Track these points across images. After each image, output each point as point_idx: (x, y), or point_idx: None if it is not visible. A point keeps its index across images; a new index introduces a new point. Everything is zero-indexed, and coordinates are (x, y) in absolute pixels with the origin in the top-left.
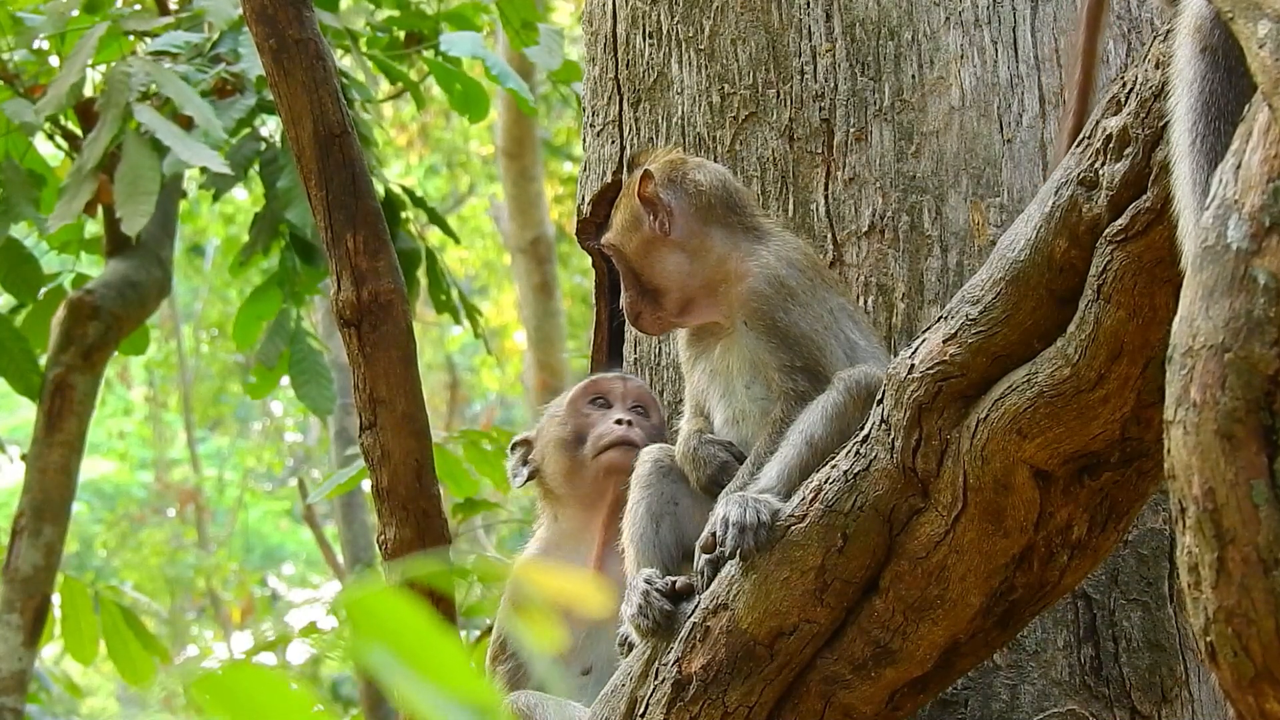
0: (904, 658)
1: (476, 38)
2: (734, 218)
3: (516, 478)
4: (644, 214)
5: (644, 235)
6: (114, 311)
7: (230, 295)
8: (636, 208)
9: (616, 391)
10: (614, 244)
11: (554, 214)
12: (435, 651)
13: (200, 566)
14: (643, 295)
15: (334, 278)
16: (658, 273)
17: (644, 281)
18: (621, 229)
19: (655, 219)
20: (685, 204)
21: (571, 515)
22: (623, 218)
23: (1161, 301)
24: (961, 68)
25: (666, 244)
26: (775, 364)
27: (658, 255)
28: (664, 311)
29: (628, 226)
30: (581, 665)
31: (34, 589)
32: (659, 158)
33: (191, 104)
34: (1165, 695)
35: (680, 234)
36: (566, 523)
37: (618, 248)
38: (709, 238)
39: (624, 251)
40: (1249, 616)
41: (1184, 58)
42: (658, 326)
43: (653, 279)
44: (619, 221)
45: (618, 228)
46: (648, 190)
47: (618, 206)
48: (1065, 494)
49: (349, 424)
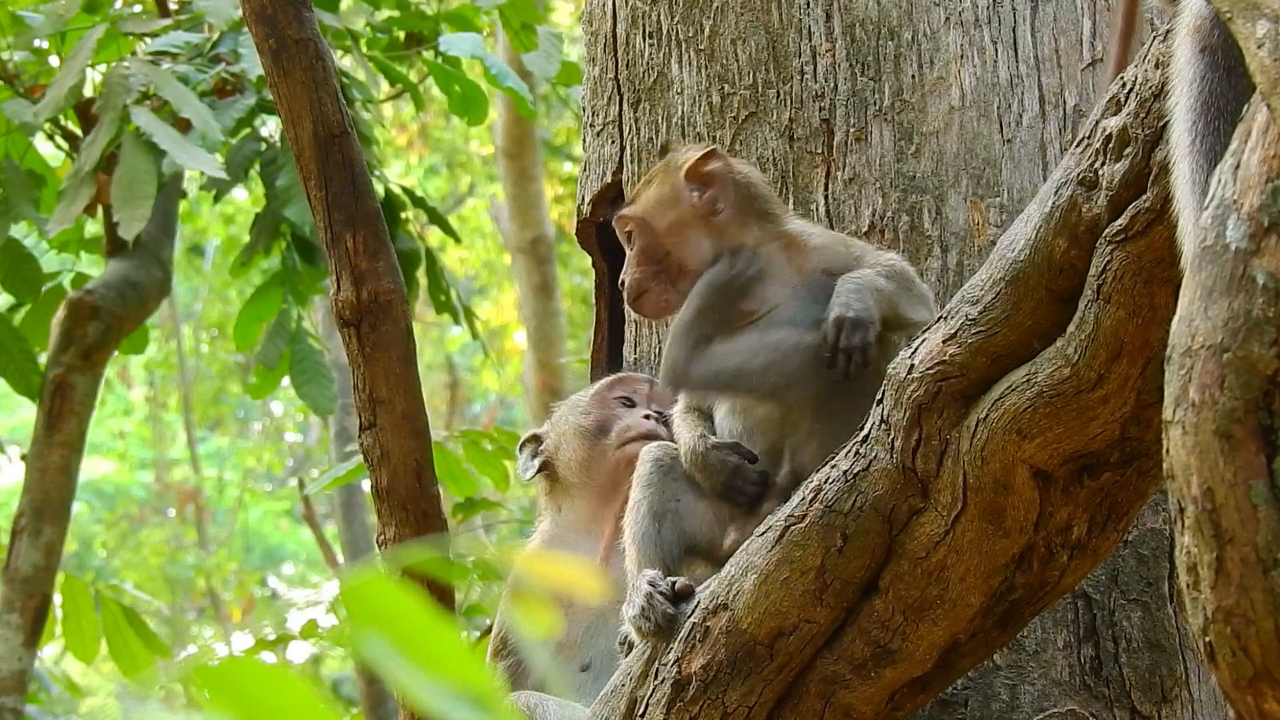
0: (904, 658)
1: (476, 38)
2: (769, 210)
3: (527, 471)
4: (688, 192)
5: (683, 212)
6: (114, 311)
7: (230, 295)
8: (679, 184)
9: (642, 392)
10: (641, 217)
11: (554, 214)
12: (435, 641)
13: (200, 566)
14: (656, 274)
15: (334, 278)
16: (688, 252)
17: (667, 260)
18: (654, 203)
19: (704, 197)
20: (734, 189)
21: (581, 508)
22: (658, 193)
23: (1161, 301)
24: (961, 68)
25: (706, 224)
26: None
27: (693, 234)
28: (673, 293)
29: (663, 202)
30: (580, 661)
31: (34, 589)
32: (696, 146)
33: (189, 106)
34: (1165, 695)
35: (725, 217)
36: (574, 515)
37: (646, 221)
38: (747, 224)
39: (653, 226)
40: (1248, 616)
41: (1183, 58)
42: (659, 309)
43: (681, 258)
44: (651, 196)
45: (648, 202)
46: (709, 167)
47: (649, 182)
48: (1065, 494)
49: (349, 424)
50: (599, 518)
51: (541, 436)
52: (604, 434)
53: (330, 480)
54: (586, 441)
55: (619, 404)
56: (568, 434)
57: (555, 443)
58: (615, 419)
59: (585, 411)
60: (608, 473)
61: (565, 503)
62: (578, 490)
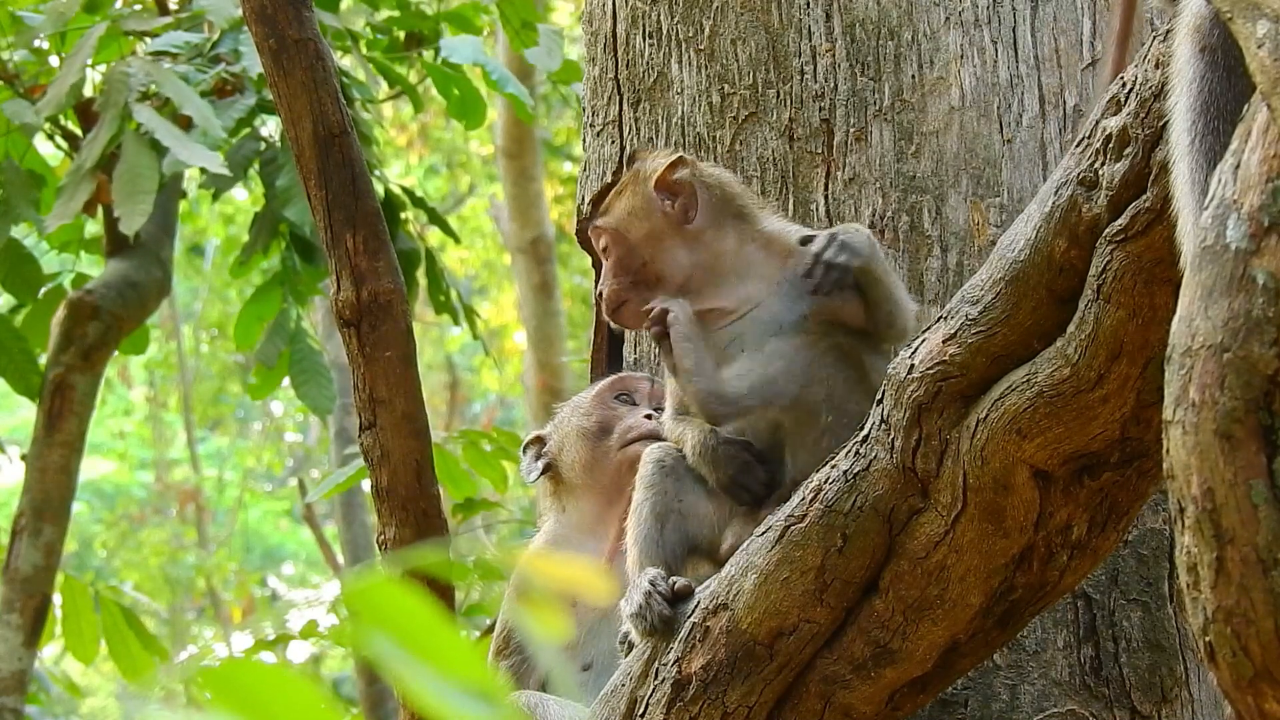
0: (904, 658)
1: (476, 42)
2: (745, 209)
3: (530, 473)
4: (659, 201)
5: (656, 223)
6: (114, 311)
7: (230, 295)
8: (650, 195)
9: (643, 390)
10: (616, 228)
11: (554, 214)
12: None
13: (200, 566)
14: (633, 285)
15: (333, 278)
16: (664, 261)
17: (645, 270)
18: (626, 215)
19: (676, 206)
20: (705, 195)
21: (585, 509)
22: (629, 204)
23: (1161, 301)
24: (961, 68)
25: (681, 233)
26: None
27: (669, 244)
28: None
29: (635, 213)
30: (582, 661)
31: (34, 589)
32: (665, 154)
33: (190, 104)
34: (1165, 695)
35: (699, 223)
36: (578, 516)
37: (620, 232)
38: (723, 227)
39: (627, 238)
40: (1248, 616)
41: (1183, 57)
42: (638, 320)
43: (657, 268)
44: (623, 208)
45: (621, 213)
46: (677, 176)
47: (619, 193)
48: (1065, 494)
49: (349, 424)
50: (603, 518)
51: (544, 438)
52: (606, 435)
53: (331, 486)
54: (589, 443)
55: (621, 404)
56: (570, 435)
57: (558, 444)
58: (617, 419)
59: (587, 413)
60: (611, 474)
61: (569, 503)
62: (581, 491)
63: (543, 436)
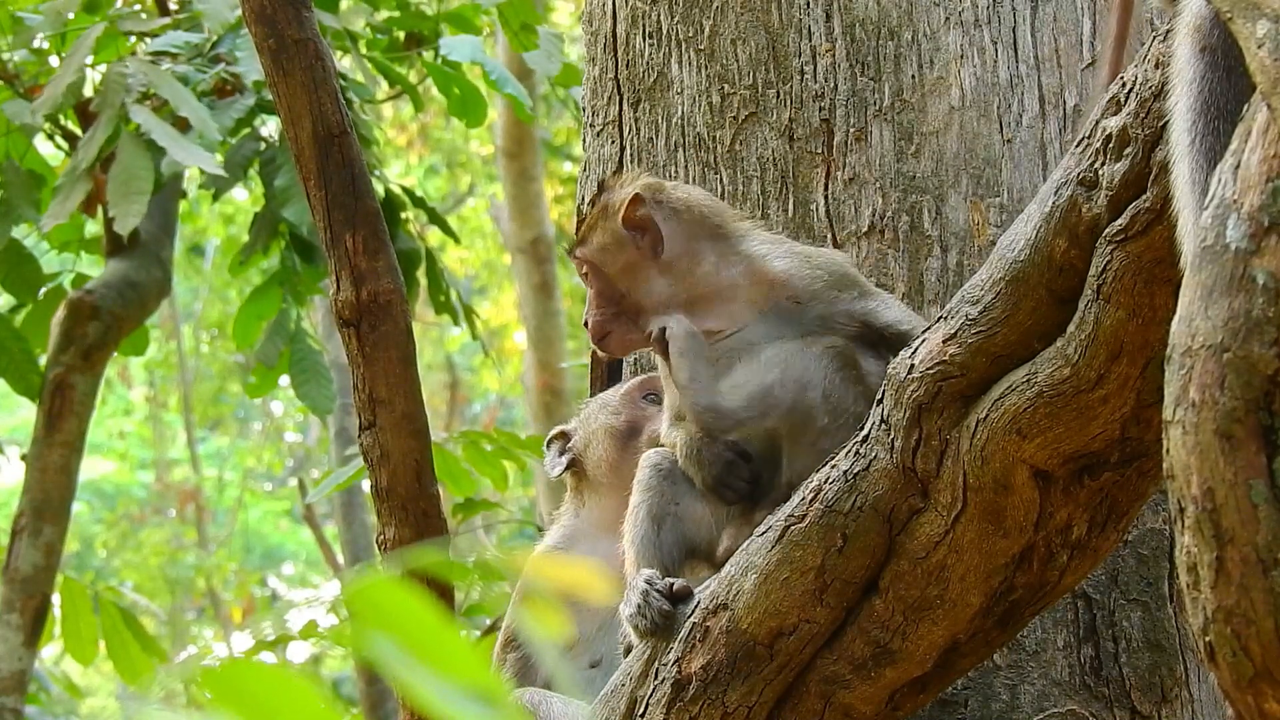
0: (904, 658)
1: (476, 42)
2: (721, 228)
3: (555, 468)
4: (629, 237)
5: (630, 256)
6: (114, 311)
7: (230, 295)
8: (619, 231)
9: None
10: (594, 261)
11: (554, 214)
12: (439, 640)
13: (200, 566)
14: (616, 316)
15: (333, 278)
16: (643, 292)
17: (624, 301)
18: (599, 250)
19: (645, 240)
20: (674, 224)
21: (606, 505)
22: (602, 239)
23: (1161, 301)
24: (961, 68)
25: (656, 264)
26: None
27: (644, 275)
28: (638, 332)
29: (607, 249)
30: (590, 658)
31: (34, 589)
32: (630, 182)
33: (187, 105)
34: (1165, 695)
35: (670, 254)
36: (598, 513)
37: (598, 266)
38: (699, 250)
39: (605, 272)
40: (1248, 616)
41: (1183, 57)
42: (625, 348)
43: (637, 299)
44: (596, 243)
45: (595, 248)
46: (637, 214)
47: (592, 227)
48: (1065, 494)
49: (349, 424)
50: (623, 517)
51: (569, 433)
52: (635, 435)
53: (331, 486)
54: (617, 442)
55: (649, 404)
56: (598, 433)
57: (584, 440)
58: (646, 419)
59: (616, 411)
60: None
61: (590, 500)
62: (605, 489)
63: (567, 432)
